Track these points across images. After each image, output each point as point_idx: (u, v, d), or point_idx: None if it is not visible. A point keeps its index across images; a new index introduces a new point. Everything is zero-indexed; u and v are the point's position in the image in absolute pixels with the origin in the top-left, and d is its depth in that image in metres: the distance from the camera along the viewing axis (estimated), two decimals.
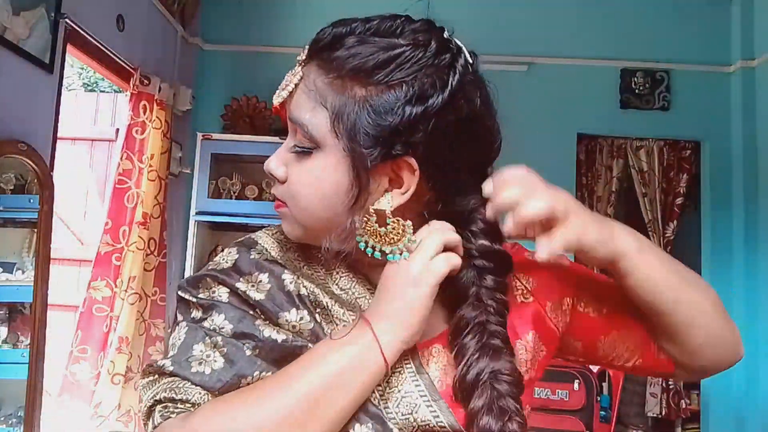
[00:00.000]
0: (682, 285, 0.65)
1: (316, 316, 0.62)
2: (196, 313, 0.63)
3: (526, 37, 3.31)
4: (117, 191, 2.51)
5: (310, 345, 0.60)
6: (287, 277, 0.63)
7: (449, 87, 0.57)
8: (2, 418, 1.89)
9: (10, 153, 1.82)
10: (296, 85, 0.60)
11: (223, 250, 0.68)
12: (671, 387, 3.39)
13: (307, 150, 0.59)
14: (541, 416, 2.30)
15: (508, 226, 0.58)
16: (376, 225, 0.59)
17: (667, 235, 3.42)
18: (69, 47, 2.20)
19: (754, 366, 3.01)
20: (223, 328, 0.60)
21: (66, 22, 2.10)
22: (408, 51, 0.57)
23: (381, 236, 0.59)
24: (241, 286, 0.62)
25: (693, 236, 3.41)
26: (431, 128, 0.57)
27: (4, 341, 1.89)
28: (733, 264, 3.17)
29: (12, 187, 1.91)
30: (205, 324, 0.61)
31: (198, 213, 2.86)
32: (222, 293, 0.62)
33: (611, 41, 3.33)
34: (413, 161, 0.58)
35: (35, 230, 1.91)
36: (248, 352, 0.59)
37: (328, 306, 0.62)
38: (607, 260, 0.62)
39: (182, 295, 0.64)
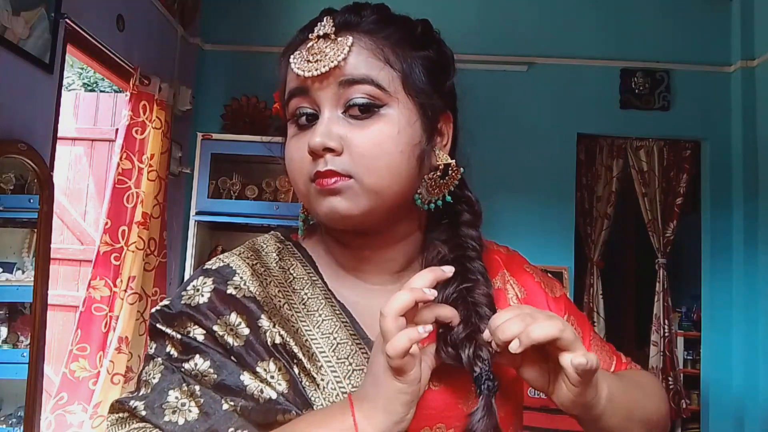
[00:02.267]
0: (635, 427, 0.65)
1: (294, 367, 0.59)
2: (173, 351, 0.59)
3: (526, 37, 3.31)
4: (116, 191, 2.50)
5: (294, 410, 0.57)
6: (263, 323, 0.60)
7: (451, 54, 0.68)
8: (2, 418, 1.89)
9: (10, 153, 1.82)
10: (350, 49, 0.59)
11: (198, 277, 0.63)
12: (671, 387, 3.39)
13: (376, 107, 0.59)
14: (541, 416, 2.30)
15: (513, 347, 0.54)
16: (438, 177, 0.64)
17: (667, 235, 3.42)
18: (69, 47, 2.19)
19: (754, 366, 3.01)
20: (206, 376, 0.57)
21: (66, 22, 2.10)
22: (423, 26, 0.66)
23: (439, 187, 0.64)
24: (218, 329, 0.59)
25: (693, 236, 3.41)
26: (454, 86, 0.68)
27: (4, 341, 1.89)
28: (733, 264, 3.16)
29: (12, 187, 1.91)
30: (186, 366, 0.58)
31: (198, 213, 2.85)
32: (198, 334, 0.59)
33: (611, 41, 3.32)
34: (450, 114, 0.67)
35: (35, 230, 1.90)
36: (225, 407, 0.56)
37: (302, 360, 0.60)
38: (586, 403, 0.58)
39: (160, 328, 0.61)
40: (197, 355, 0.58)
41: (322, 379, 0.59)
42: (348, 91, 0.59)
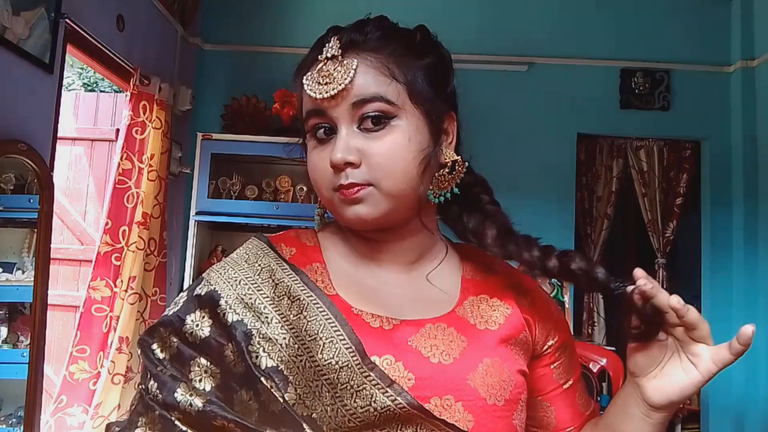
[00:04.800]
0: None
1: (254, 337, 0.62)
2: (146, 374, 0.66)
3: (526, 37, 3.31)
4: (117, 191, 2.50)
5: (221, 414, 0.59)
6: (222, 303, 0.64)
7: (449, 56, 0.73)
8: (2, 418, 1.89)
9: (10, 153, 1.82)
10: (355, 71, 0.64)
11: (180, 293, 0.70)
12: None
13: (387, 119, 0.65)
14: None
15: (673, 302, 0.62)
16: (446, 173, 0.69)
17: (666, 235, 3.42)
18: (69, 47, 2.19)
19: (754, 366, 3.01)
20: (157, 397, 0.62)
21: (66, 22, 2.10)
22: (421, 33, 0.70)
23: (448, 182, 0.69)
24: (187, 328, 0.65)
25: (693, 236, 3.41)
26: (454, 86, 0.73)
27: (4, 341, 1.89)
28: (733, 264, 3.17)
29: (12, 187, 1.91)
30: (148, 387, 0.64)
31: (198, 213, 2.85)
32: (174, 341, 0.65)
33: (611, 41, 3.32)
34: (453, 114, 0.72)
35: (35, 230, 1.91)
36: (177, 423, 0.61)
37: (259, 326, 0.63)
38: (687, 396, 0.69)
39: (140, 352, 0.67)
40: (152, 378, 0.63)
41: (277, 337, 0.63)
42: (361, 109, 0.65)
